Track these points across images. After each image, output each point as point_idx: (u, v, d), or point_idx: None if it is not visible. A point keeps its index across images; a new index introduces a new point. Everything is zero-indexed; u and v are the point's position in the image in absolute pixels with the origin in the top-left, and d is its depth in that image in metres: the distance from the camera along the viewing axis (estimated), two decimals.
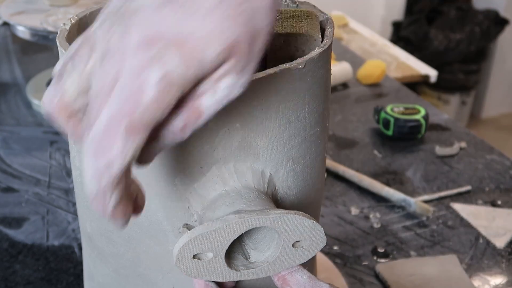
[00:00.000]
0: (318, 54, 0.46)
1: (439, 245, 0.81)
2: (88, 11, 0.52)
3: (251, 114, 0.43)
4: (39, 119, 1.11)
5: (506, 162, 1.02)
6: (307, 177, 0.50)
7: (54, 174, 0.93)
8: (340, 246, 0.80)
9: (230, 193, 0.44)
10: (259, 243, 0.46)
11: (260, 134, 0.44)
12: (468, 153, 1.05)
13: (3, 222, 0.82)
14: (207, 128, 0.43)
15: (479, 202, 0.91)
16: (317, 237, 0.45)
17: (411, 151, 1.05)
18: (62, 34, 0.48)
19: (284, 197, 0.49)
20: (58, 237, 0.80)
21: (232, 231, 0.41)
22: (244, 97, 0.42)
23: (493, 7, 2.75)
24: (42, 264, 0.75)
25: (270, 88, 0.43)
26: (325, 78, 0.48)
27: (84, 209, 0.52)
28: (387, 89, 1.30)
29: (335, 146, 1.06)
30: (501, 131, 2.85)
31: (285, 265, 0.46)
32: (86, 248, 0.55)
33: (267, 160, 0.46)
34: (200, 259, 0.43)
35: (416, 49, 2.56)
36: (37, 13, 1.14)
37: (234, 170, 0.45)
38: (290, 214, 0.42)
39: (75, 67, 0.35)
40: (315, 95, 0.47)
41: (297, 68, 0.44)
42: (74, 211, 0.84)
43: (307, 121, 0.47)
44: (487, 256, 0.79)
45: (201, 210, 0.45)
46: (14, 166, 0.95)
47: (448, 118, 1.17)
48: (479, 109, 2.95)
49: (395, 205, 0.89)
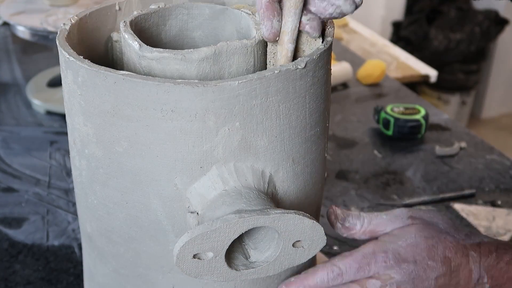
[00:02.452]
0: (319, 54, 0.46)
1: None
2: (88, 11, 0.52)
3: (251, 114, 0.43)
4: (39, 119, 1.11)
5: (506, 162, 1.02)
6: (307, 177, 0.50)
7: (54, 174, 0.93)
8: (340, 246, 0.80)
9: (230, 193, 0.44)
10: (259, 243, 0.46)
11: (260, 134, 0.44)
12: (468, 153, 1.05)
13: (3, 222, 0.82)
14: (206, 126, 0.43)
15: (479, 202, 0.91)
16: (317, 237, 0.45)
17: (411, 151, 1.05)
18: (62, 34, 0.48)
19: (284, 197, 0.49)
20: (58, 237, 0.80)
21: (232, 230, 0.41)
22: (244, 97, 0.42)
23: (493, 7, 2.75)
24: (42, 264, 0.75)
25: (271, 88, 0.43)
26: (325, 78, 0.48)
27: (84, 209, 0.52)
28: (387, 89, 1.30)
29: (335, 146, 1.06)
30: (501, 131, 2.85)
31: (285, 265, 0.46)
32: (86, 248, 0.55)
33: (267, 160, 0.46)
34: (200, 258, 0.43)
35: (416, 49, 2.56)
36: (37, 13, 1.14)
37: (234, 170, 0.45)
38: (290, 214, 0.42)
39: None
40: (316, 95, 0.47)
41: (297, 68, 0.44)
42: (74, 211, 0.84)
43: (308, 121, 0.47)
44: None
45: (201, 210, 0.45)
46: (14, 166, 0.95)
47: (448, 118, 1.17)
48: (479, 109, 2.95)
49: (395, 205, 0.89)
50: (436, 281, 0.50)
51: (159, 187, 0.45)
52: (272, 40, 0.46)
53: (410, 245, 0.51)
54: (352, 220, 0.54)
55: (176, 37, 0.54)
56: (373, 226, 0.53)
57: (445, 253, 0.51)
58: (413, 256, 0.50)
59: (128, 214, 0.47)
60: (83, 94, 0.44)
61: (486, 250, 0.51)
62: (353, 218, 0.54)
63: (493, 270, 0.51)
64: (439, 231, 0.52)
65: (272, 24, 0.45)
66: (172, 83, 0.41)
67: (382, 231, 0.53)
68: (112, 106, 0.43)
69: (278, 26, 0.46)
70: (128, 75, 0.42)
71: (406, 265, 0.50)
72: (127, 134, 0.44)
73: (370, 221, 0.53)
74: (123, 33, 0.48)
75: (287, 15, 0.46)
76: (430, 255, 0.50)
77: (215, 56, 0.45)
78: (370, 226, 0.53)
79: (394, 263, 0.50)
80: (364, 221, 0.53)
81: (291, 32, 0.46)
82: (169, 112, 0.42)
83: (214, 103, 0.42)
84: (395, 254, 0.50)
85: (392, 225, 0.53)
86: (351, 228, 0.54)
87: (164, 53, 0.45)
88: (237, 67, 0.46)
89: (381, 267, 0.50)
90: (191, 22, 0.54)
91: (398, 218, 0.53)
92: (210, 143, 0.43)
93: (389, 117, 1.06)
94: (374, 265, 0.50)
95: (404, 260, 0.50)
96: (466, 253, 0.51)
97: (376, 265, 0.50)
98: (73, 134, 0.48)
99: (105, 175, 0.47)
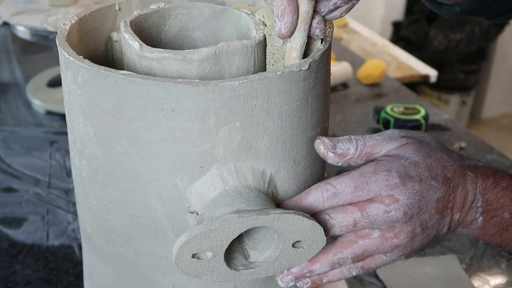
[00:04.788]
0: (320, 54, 0.46)
1: (439, 245, 0.81)
2: (88, 11, 0.52)
3: (252, 114, 0.43)
4: (39, 119, 1.11)
5: (506, 162, 1.02)
6: (307, 178, 0.50)
7: (54, 174, 0.93)
8: None
9: (230, 193, 0.44)
10: (259, 243, 0.46)
11: (261, 134, 0.44)
12: (468, 153, 1.05)
13: (3, 222, 0.82)
14: (207, 126, 0.43)
15: None
16: (317, 237, 0.45)
17: None
18: (62, 34, 0.48)
19: (285, 198, 0.49)
20: (58, 237, 0.80)
21: (231, 230, 0.41)
22: (245, 97, 0.42)
23: None
24: (42, 264, 0.75)
25: (273, 89, 0.43)
26: (325, 78, 0.48)
27: (84, 209, 0.52)
28: (387, 89, 1.30)
29: None
30: (501, 131, 2.85)
31: (284, 265, 0.46)
32: (86, 248, 0.55)
33: (268, 160, 0.46)
34: (200, 258, 0.42)
35: (416, 49, 2.56)
36: (37, 13, 1.14)
37: (234, 170, 0.45)
38: (290, 214, 0.42)
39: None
40: (317, 95, 0.47)
41: (301, 70, 0.44)
42: (74, 211, 0.84)
43: (309, 122, 0.47)
44: (487, 256, 0.79)
45: (201, 209, 0.45)
46: (14, 166, 0.95)
47: (448, 118, 1.17)
48: (479, 109, 2.95)
49: None
50: (437, 203, 0.47)
51: (159, 187, 0.45)
52: (286, 37, 0.44)
53: (412, 163, 0.47)
54: (344, 145, 0.48)
55: (176, 37, 0.54)
56: (369, 148, 0.48)
57: (444, 173, 0.47)
58: (418, 175, 0.46)
59: (128, 214, 0.47)
60: (83, 94, 0.44)
61: (484, 172, 0.48)
62: (344, 143, 0.48)
63: (488, 194, 0.48)
64: (434, 150, 0.49)
65: (292, 21, 0.43)
66: (172, 82, 0.41)
67: (379, 152, 0.49)
68: (112, 106, 0.43)
69: (296, 24, 0.44)
70: (129, 74, 0.42)
71: (412, 184, 0.46)
72: (127, 134, 0.44)
73: (365, 143, 0.48)
74: (123, 33, 0.48)
75: (297, 30, 0.44)
76: (432, 175, 0.47)
77: (215, 57, 0.45)
78: (365, 148, 0.48)
79: (399, 182, 0.45)
80: (358, 144, 0.48)
81: (299, 48, 0.45)
82: (170, 111, 0.42)
83: (214, 103, 0.42)
84: (400, 172, 0.46)
85: (388, 146, 0.49)
86: (345, 154, 0.48)
87: (165, 53, 0.45)
88: (238, 67, 0.46)
89: (383, 186, 0.45)
90: (191, 22, 0.54)
91: (392, 139, 0.49)
92: (211, 142, 0.43)
93: (389, 117, 1.06)
94: (374, 185, 0.46)
95: (410, 178, 0.46)
96: (464, 173, 0.48)
97: (376, 184, 0.46)
98: (73, 134, 0.48)
99: (105, 175, 0.47)
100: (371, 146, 0.48)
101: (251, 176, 0.45)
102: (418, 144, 0.48)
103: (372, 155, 0.49)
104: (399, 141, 0.49)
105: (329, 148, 0.47)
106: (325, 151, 0.48)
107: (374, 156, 0.49)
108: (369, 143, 0.48)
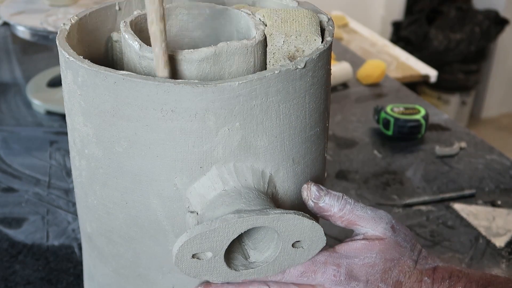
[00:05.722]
0: (318, 54, 0.46)
1: (439, 245, 0.81)
2: (88, 11, 0.52)
3: (251, 114, 0.43)
4: (39, 119, 1.11)
5: (506, 162, 1.02)
6: (307, 177, 0.50)
7: (54, 174, 0.93)
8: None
9: (229, 193, 0.44)
10: (259, 243, 0.46)
11: (260, 134, 0.44)
12: (468, 153, 1.05)
13: (3, 222, 0.82)
14: (206, 127, 0.43)
15: (479, 202, 0.91)
16: (317, 237, 0.45)
17: (411, 151, 1.05)
18: (62, 34, 0.48)
19: (285, 197, 0.49)
20: (58, 237, 0.80)
21: (231, 230, 0.41)
22: (244, 97, 0.42)
23: (493, 7, 2.75)
24: (42, 264, 0.75)
25: (271, 89, 0.43)
26: (325, 78, 0.48)
27: (84, 209, 0.52)
28: (387, 89, 1.30)
29: (335, 146, 1.06)
30: (501, 131, 2.85)
31: (284, 265, 0.46)
32: (86, 248, 0.55)
33: (267, 160, 0.46)
34: (199, 258, 0.43)
35: (416, 49, 2.56)
36: (37, 13, 1.14)
37: (234, 170, 0.45)
38: (290, 214, 0.42)
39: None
40: (315, 95, 0.47)
41: (297, 68, 0.44)
42: (74, 211, 0.84)
43: (308, 121, 0.47)
44: (487, 256, 0.79)
45: (200, 209, 0.45)
46: (14, 166, 0.95)
47: (448, 118, 1.17)
48: (479, 109, 2.95)
49: (395, 205, 0.89)
50: None
51: (159, 187, 0.45)
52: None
53: (366, 264, 0.48)
54: (330, 200, 0.48)
55: (176, 37, 0.54)
56: (354, 217, 0.48)
57: (399, 276, 0.49)
58: (366, 276, 0.48)
59: (128, 214, 0.47)
60: (83, 94, 0.44)
61: (440, 276, 0.50)
62: (331, 199, 0.48)
63: None
64: (401, 254, 0.49)
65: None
66: (172, 83, 0.41)
67: (362, 227, 0.49)
68: (112, 106, 0.43)
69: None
70: (128, 75, 0.42)
71: (356, 283, 0.47)
72: (127, 134, 0.44)
73: (353, 210, 0.48)
74: (123, 33, 0.48)
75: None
76: (383, 278, 0.48)
77: (215, 57, 0.45)
78: (351, 215, 0.48)
79: (343, 280, 0.47)
80: (346, 207, 0.48)
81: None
82: (169, 112, 0.42)
83: (214, 103, 0.42)
84: (348, 271, 0.47)
85: (373, 226, 0.49)
86: (326, 210, 0.48)
87: None
88: (237, 67, 0.46)
89: (328, 280, 0.47)
90: (191, 22, 0.54)
91: (382, 223, 0.49)
92: (210, 143, 0.43)
93: (389, 117, 1.06)
94: (321, 275, 0.47)
95: (355, 279, 0.47)
96: (420, 278, 0.49)
97: (323, 276, 0.47)
98: (73, 134, 0.48)
99: (105, 175, 0.47)
100: (357, 216, 0.48)
101: (250, 176, 0.45)
102: (390, 244, 0.49)
103: (354, 225, 0.49)
104: (383, 231, 0.49)
105: (312, 197, 0.48)
106: (306, 198, 0.48)
107: (355, 227, 0.49)
108: (357, 212, 0.48)
